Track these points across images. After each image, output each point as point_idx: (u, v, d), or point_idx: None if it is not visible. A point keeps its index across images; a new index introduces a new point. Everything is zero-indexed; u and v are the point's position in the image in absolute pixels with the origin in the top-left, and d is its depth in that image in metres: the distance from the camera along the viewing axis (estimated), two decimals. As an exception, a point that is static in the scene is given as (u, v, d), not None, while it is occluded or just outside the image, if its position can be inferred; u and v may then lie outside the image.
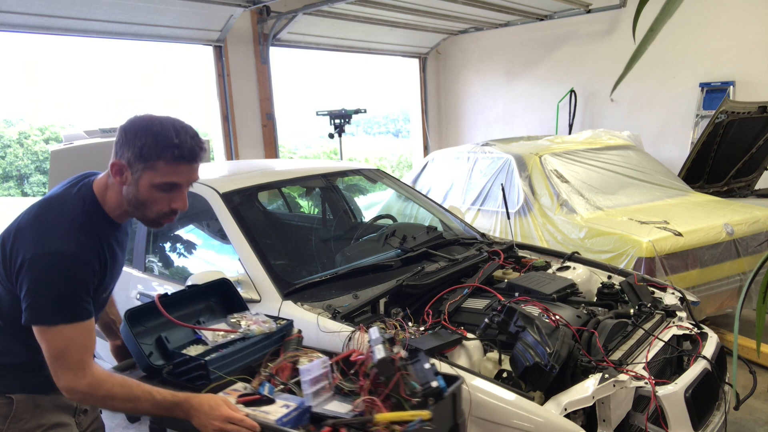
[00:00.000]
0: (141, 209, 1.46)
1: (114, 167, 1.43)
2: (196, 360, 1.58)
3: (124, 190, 1.45)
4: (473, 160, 4.90)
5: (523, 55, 8.33)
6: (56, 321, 1.35)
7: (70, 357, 1.36)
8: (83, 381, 1.37)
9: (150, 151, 1.39)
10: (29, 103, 22.20)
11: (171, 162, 1.41)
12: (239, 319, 1.79)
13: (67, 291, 1.36)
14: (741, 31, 6.25)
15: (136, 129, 1.41)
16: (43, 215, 1.43)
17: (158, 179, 1.42)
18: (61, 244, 1.36)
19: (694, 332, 2.30)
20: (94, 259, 1.42)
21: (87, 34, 5.79)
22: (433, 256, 2.74)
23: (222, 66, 6.71)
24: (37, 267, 1.35)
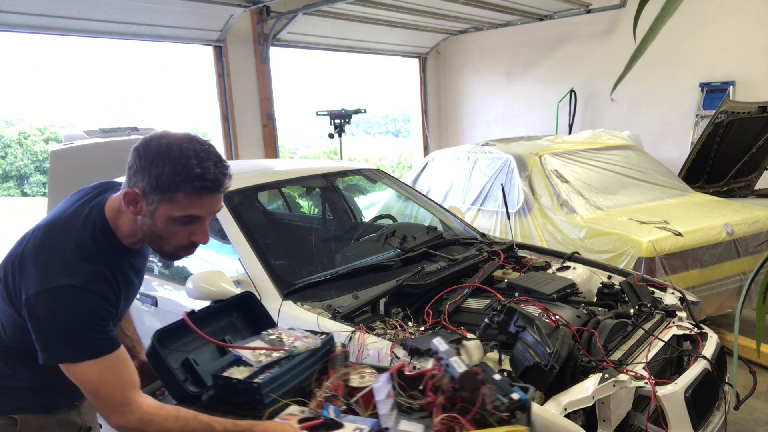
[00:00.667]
0: (157, 242, 1.34)
1: (127, 197, 1.28)
2: (246, 383, 1.41)
3: (139, 220, 1.31)
4: (473, 160, 4.90)
5: (523, 55, 8.33)
6: (77, 358, 1.24)
7: (108, 394, 1.26)
8: (131, 418, 1.26)
9: (168, 181, 1.23)
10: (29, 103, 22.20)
11: (192, 194, 1.25)
12: (277, 336, 1.62)
13: (81, 325, 1.23)
14: (741, 31, 6.25)
15: (152, 155, 1.24)
16: (48, 242, 1.31)
17: (177, 212, 1.27)
18: (66, 277, 1.23)
19: (694, 332, 2.30)
20: (106, 289, 1.29)
21: (87, 34, 5.79)
22: (433, 256, 2.74)
23: (222, 66, 6.71)
24: (44, 304, 1.22)
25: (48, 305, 1.23)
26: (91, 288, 1.25)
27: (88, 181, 4.31)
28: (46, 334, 1.24)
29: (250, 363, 1.51)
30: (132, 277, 1.45)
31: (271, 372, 1.47)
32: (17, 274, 1.29)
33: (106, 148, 4.40)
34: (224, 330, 1.72)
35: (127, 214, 1.33)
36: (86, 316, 1.24)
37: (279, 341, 1.59)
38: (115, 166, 3.83)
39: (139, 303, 2.84)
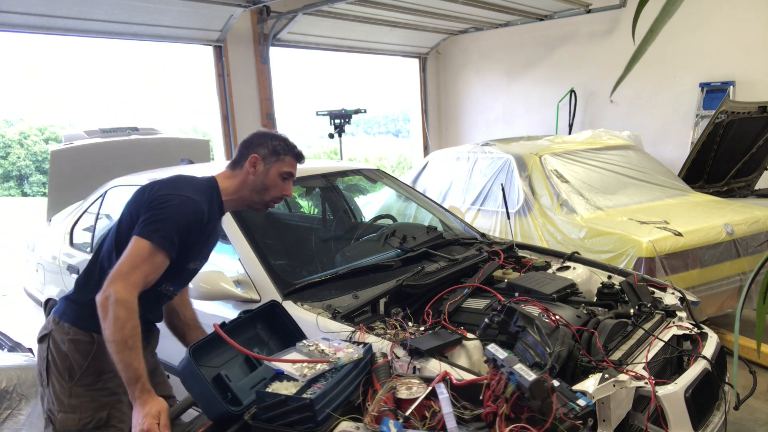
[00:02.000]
0: (262, 193, 1.89)
1: (252, 159, 1.87)
2: (297, 399, 1.32)
3: (251, 179, 1.87)
4: (473, 160, 4.90)
5: (523, 55, 8.33)
6: (152, 238, 1.64)
7: (132, 269, 1.60)
8: (124, 293, 1.56)
9: (282, 148, 1.90)
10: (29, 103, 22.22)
11: (293, 157, 1.93)
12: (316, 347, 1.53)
13: (177, 223, 1.68)
14: (741, 31, 6.25)
15: (266, 135, 1.92)
16: (180, 179, 1.85)
17: (285, 168, 1.89)
18: (193, 193, 1.77)
19: (694, 332, 2.30)
20: (205, 217, 1.76)
21: (87, 34, 5.79)
22: (433, 256, 2.74)
23: (222, 66, 6.71)
24: (171, 201, 1.71)
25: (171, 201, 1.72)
26: (199, 205, 1.75)
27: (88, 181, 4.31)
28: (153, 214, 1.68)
29: (294, 377, 1.41)
30: (214, 230, 1.90)
31: (319, 386, 1.37)
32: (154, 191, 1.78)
33: (106, 148, 4.40)
34: (250, 342, 1.63)
35: (236, 178, 1.89)
36: (181, 219, 1.70)
37: (320, 353, 1.50)
38: (115, 166, 3.85)
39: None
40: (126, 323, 1.54)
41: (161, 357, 2.14)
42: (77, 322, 1.80)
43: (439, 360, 1.81)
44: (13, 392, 2.21)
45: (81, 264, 3.39)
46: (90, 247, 3.42)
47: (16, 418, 2.19)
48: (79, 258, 3.43)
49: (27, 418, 2.20)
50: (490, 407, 1.29)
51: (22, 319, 5.11)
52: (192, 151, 4.62)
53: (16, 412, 2.19)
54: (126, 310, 1.55)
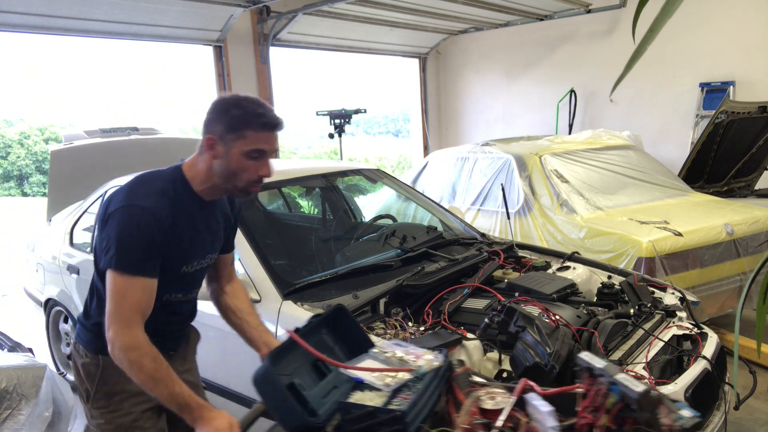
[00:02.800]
0: (232, 179, 1.57)
1: (208, 142, 1.55)
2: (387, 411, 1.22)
3: (215, 164, 1.56)
4: (473, 160, 4.90)
5: (523, 55, 8.33)
6: (122, 268, 1.47)
7: (121, 308, 1.46)
8: (123, 337, 1.44)
9: (240, 121, 1.52)
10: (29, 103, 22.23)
11: (258, 130, 1.53)
12: (393, 353, 1.43)
13: (137, 243, 1.48)
14: (741, 31, 6.25)
15: (225, 105, 1.54)
16: (136, 181, 1.60)
17: (248, 146, 1.53)
18: (142, 200, 1.52)
19: (694, 332, 2.30)
20: (167, 219, 1.53)
21: (87, 34, 5.79)
22: (433, 256, 2.74)
23: (222, 66, 6.71)
24: (119, 216, 1.49)
25: (120, 216, 1.50)
26: (156, 212, 1.51)
27: (88, 181, 4.30)
28: (112, 240, 1.49)
29: (376, 387, 1.31)
30: (200, 227, 1.65)
31: (405, 396, 1.27)
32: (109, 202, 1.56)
33: (106, 148, 4.39)
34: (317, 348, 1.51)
35: (201, 163, 1.60)
36: (144, 236, 1.48)
37: (399, 360, 1.40)
38: (115, 166, 3.85)
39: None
40: (142, 363, 1.44)
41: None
42: (87, 344, 1.72)
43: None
44: (13, 392, 2.21)
45: (81, 264, 3.39)
46: (90, 247, 3.42)
47: (16, 418, 2.18)
48: (79, 258, 3.43)
49: (27, 418, 2.20)
50: (587, 418, 1.22)
51: (22, 319, 5.11)
52: (192, 151, 4.61)
53: (16, 412, 2.19)
54: (134, 351, 1.44)
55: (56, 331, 3.88)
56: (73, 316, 3.49)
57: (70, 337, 3.73)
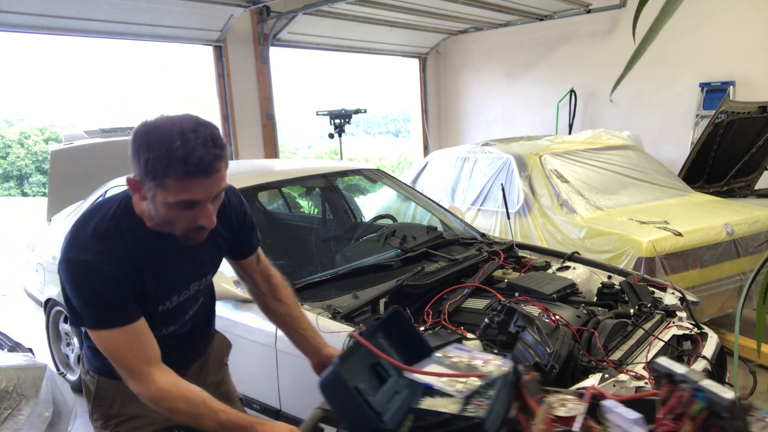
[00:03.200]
0: (166, 227, 1.34)
1: (129, 184, 1.31)
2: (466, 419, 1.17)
3: (145, 205, 1.32)
4: (473, 160, 4.90)
5: (523, 55, 8.33)
6: (92, 325, 1.33)
7: (124, 363, 1.33)
8: (145, 392, 1.32)
9: (155, 167, 1.21)
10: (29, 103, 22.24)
11: (180, 179, 1.21)
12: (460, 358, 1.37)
13: (94, 296, 1.30)
14: (741, 31, 6.25)
15: (140, 140, 1.25)
16: (81, 218, 1.39)
17: (171, 198, 1.24)
18: (78, 251, 1.31)
19: (694, 332, 2.30)
20: (119, 266, 1.31)
21: (87, 34, 5.79)
22: (433, 256, 2.74)
23: (222, 66, 6.71)
24: (63, 272, 1.32)
25: (65, 274, 1.32)
26: (97, 264, 1.29)
27: (88, 181, 4.30)
28: (67, 299, 1.34)
29: (448, 393, 1.25)
30: (169, 258, 1.42)
31: (479, 403, 1.21)
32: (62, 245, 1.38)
33: (106, 148, 4.40)
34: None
35: (142, 206, 1.35)
36: (96, 289, 1.29)
37: (468, 366, 1.33)
38: (115, 166, 3.84)
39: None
40: (176, 408, 1.32)
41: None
42: (87, 359, 1.61)
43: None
44: (13, 392, 2.21)
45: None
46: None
47: (16, 418, 2.18)
48: (79, 258, 3.43)
49: (27, 418, 2.20)
50: (667, 426, 1.17)
51: (22, 319, 5.11)
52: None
53: (16, 412, 2.19)
54: (162, 401, 1.32)
55: (56, 331, 3.88)
56: (73, 316, 3.49)
57: (70, 337, 3.73)
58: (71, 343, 3.75)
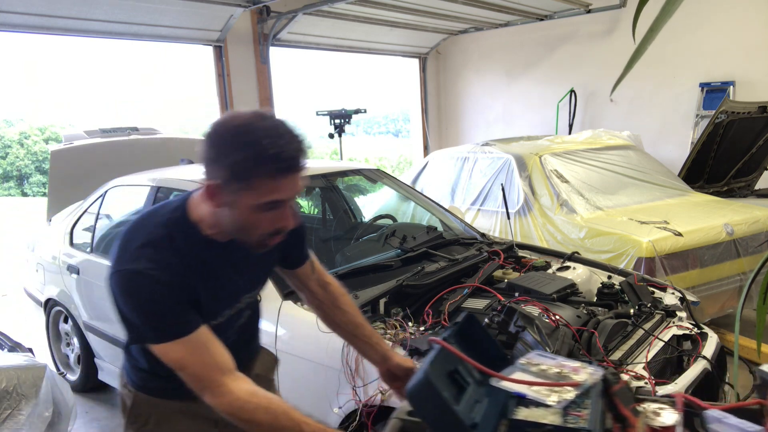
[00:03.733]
0: (241, 234, 1.27)
1: (208, 190, 1.22)
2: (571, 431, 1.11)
3: (221, 214, 1.25)
4: (473, 160, 4.90)
5: (523, 55, 8.33)
6: (154, 339, 1.24)
7: (195, 374, 1.24)
8: (222, 401, 1.23)
9: (244, 168, 1.15)
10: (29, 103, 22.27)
11: (270, 177, 1.17)
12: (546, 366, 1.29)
13: (151, 308, 1.23)
14: (741, 31, 6.25)
15: (223, 142, 1.18)
16: (131, 229, 1.32)
17: (259, 200, 1.19)
18: (129, 262, 1.24)
19: (694, 332, 2.30)
20: (170, 275, 1.24)
21: (87, 34, 5.79)
22: (433, 256, 2.74)
23: (222, 66, 6.71)
24: (114, 286, 1.25)
25: (117, 287, 1.24)
26: (152, 273, 1.22)
27: (88, 181, 4.30)
28: (123, 313, 1.26)
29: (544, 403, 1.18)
30: (222, 270, 1.35)
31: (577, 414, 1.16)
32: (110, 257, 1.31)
33: (106, 148, 4.40)
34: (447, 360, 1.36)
35: (206, 208, 1.28)
36: (152, 300, 1.22)
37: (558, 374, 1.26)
38: (115, 166, 3.85)
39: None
40: (256, 420, 1.22)
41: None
42: (126, 371, 1.52)
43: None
44: (13, 392, 2.21)
45: (81, 264, 3.39)
46: (90, 247, 3.42)
47: (16, 418, 2.18)
48: (80, 258, 3.43)
49: (27, 418, 2.20)
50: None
51: (22, 319, 5.11)
52: (192, 151, 4.60)
53: (16, 412, 2.19)
54: (240, 412, 1.22)
55: (56, 331, 3.88)
56: (73, 316, 3.50)
57: (70, 337, 3.73)
58: (71, 343, 3.75)
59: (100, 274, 3.23)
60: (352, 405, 1.96)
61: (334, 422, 2.03)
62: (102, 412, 3.50)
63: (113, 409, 3.52)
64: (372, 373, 1.91)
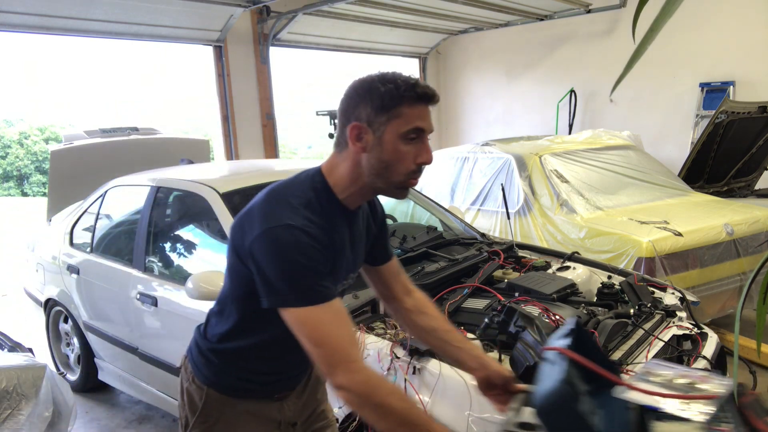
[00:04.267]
0: (386, 174, 1.29)
1: (352, 131, 1.26)
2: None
3: (364, 159, 1.28)
4: (473, 160, 4.90)
5: (523, 55, 8.33)
6: (297, 301, 1.20)
7: (332, 346, 1.18)
8: (357, 378, 1.16)
9: (391, 97, 1.23)
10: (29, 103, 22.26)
11: (414, 103, 1.24)
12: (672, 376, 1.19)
13: (302, 266, 1.20)
14: (741, 31, 6.25)
15: (369, 83, 1.27)
16: (272, 194, 1.32)
17: (405, 127, 1.24)
18: (289, 217, 1.23)
19: (694, 332, 2.30)
20: (322, 236, 1.25)
21: (87, 34, 5.79)
22: (433, 256, 2.74)
23: (222, 66, 6.71)
24: (267, 242, 1.21)
25: (265, 246, 1.22)
26: (309, 230, 1.22)
27: (88, 181, 4.30)
28: (268, 274, 1.22)
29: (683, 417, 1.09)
30: (345, 239, 1.36)
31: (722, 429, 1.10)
32: (245, 223, 1.29)
33: (106, 148, 4.40)
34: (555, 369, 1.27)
35: (343, 164, 1.31)
36: (305, 257, 1.21)
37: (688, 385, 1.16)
38: (115, 166, 3.85)
39: (139, 303, 2.85)
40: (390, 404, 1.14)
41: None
42: (195, 367, 1.47)
43: (439, 360, 1.81)
44: (13, 392, 2.21)
45: (81, 264, 3.39)
46: (90, 247, 3.42)
47: (16, 418, 2.18)
48: (80, 258, 3.43)
49: (27, 418, 2.20)
50: None
51: (22, 319, 5.11)
52: (192, 151, 4.63)
53: (16, 412, 2.19)
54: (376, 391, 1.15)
55: (56, 331, 3.88)
56: (72, 316, 3.50)
57: (70, 337, 3.73)
58: (71, 343, 3.75)
59: (100, 274, 3.23)
60: (352, 405, 1.95)
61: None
62: (102, 412, 3.50)
63: (113, 409, 3.53)
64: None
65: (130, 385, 3.20)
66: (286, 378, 1.47)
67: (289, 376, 1.49)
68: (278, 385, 1.45)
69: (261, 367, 1.42)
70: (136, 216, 3.17)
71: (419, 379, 1.81)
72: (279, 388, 1.47)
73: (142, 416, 3.43)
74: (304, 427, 1.56)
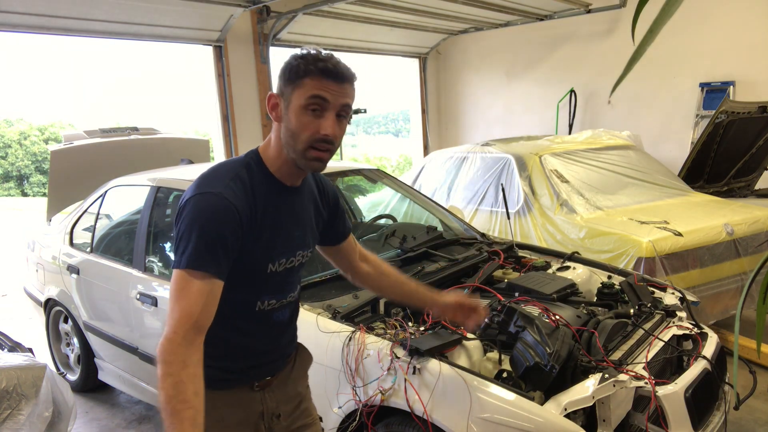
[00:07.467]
0: (293, 143, 1.35)
1: (270, 100, 1.41)
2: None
3: (282, 131, 1.37)
4: (473, 160, 4.90)
5: (523, 55, 8.33)
6: (184, 262, 1.26)
7: (173, 308, 1.23)
8: (163, 343, 1.20)
9: (296, 70, 1.34)
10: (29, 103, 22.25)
11: (316, 76, 1.32)
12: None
13: (202, 233, 1.26)
14: (741, 31, 6.25)
15: (288, 61, 1.38)
16: (209, 171, 1.40)
17: (305, 95, 1.32)
18: (213, 186, 1.32)
19: (694, 332, 2.30)
20: (243, 206, 1.32)
21: (87, 34, 5.79)
22: (433, 256, 2.74)
23: (222, 66, 6.71)
24: (187, 210, 1.30)
25: (188, 209, 1.30)
26: (228, 199, 1.30)
27: (88, 181, 4.30)
28: (179, 233, 1.30)
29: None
30: (283, 215, 1.42)
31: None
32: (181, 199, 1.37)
33: (106, 148, 4.40)
34: None
35: (271, 136, 1.41)
36: (215, 225, 1.28)
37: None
38: (115, 166, 3.85)
39: (139, 303, 2.85)
40: (164, 380, 1.18)
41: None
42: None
43: (439, 360, 1.81)
44: (13, 392, 2.21)
45: (81, 264, 3.39)
46: (90, 247, 3.42)
47: (16, 418, 2.18)
48: (79, 258, 3.43)
49: (27, 418, 2.20)
50: None
51: (22, 319, 5.11)
52: (192, 151, 4.63)
53: (16, 412, 2.19)
54: (163, 363, 1.19)
55: (56, 331, 3.88)
56: (72, 316, 3.50)
57: (70, 337, 3.73)
58: (71, 343, 3.75)
59: (100, 274, 3.23)
60: (352, 405, 1.96)
61: (333, 422, 2.03)
62: (102, 412, 3.50)
63: (113, 409, 3.53)
64: (372, 373, 1.91)
65: (130, 385, 3.20)
66: (259, 364, 1.48)
67: (262, 362, 1.49)
68: (254, 372, 1.47)
69: (230, 353, 1.43)
70: (136, 216, 3.17)
71: (419, 379, 1.81)
72: (256, 375, 1.48)
73: (142, 416, 3.43)
74: (289, 420, 1.57)
